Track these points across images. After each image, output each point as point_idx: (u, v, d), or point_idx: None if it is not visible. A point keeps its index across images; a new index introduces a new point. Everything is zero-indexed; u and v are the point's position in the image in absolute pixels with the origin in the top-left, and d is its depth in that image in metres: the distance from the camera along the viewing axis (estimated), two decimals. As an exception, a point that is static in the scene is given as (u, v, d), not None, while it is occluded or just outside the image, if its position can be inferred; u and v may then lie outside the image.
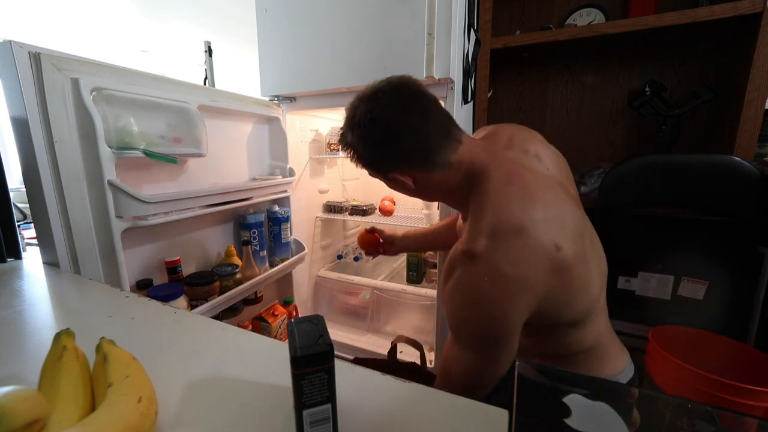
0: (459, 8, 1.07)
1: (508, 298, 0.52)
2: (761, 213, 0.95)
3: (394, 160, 0.62)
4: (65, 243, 0.75)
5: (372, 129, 0.61)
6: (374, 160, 0.65)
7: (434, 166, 0.62)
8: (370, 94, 0.61)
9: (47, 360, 0.33)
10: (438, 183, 0.64)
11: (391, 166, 0.63)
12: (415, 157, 0.61)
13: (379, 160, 0.64)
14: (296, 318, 0.31)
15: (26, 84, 0.67)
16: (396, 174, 0.64)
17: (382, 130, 0.60)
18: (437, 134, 0.61)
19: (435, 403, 0.37)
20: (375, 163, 0.65)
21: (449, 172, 0.62)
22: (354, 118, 0.62)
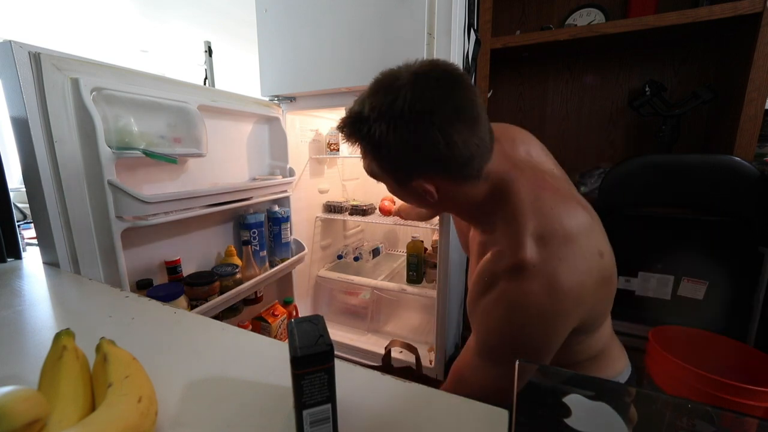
0: (459, 8, 1.07)
1: (562, 314, 0.48)
2: (761, 213, 0.95)
3: (428, 165, 0.50)
4: (65, 243, 0.75)
5: (419, 123, 0.47)
6: (403, 161, 0.51)
7: (469, 177, 0.52)
8: (416, 79, 0.48)
9: (47, 360, 0.33)
10: (465, 195, 0.54)
11: (422, 171, 0.51)
12: (455, 165, 0.50)
13: (408, 162, 0.51)
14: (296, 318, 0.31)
15: (26, 84, 0.67)
16: (421, 182, 0.52)
17: (432, 126, 0.47)
18: (484, 141, 0.50)
19: (435, 403, 0.37)
20: (401, 165, 0.52)
21: (480, 183, 0.54)
22: (394, 104, 0.47)
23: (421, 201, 0.56)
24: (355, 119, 0.52)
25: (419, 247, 1.55)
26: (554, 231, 0.49)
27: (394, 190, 0.58)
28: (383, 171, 0.55)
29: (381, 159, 0.53)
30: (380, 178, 0.57)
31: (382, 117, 0.48)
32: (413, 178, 0.52)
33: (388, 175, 0.55)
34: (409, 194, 0.57)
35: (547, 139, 1.57)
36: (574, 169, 1.42)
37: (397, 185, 0.56)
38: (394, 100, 0.47)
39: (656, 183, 1.05)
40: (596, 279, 0.50)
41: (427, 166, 0.51)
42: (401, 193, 0.58)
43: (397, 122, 0.47)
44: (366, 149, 0.53)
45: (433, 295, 1.34)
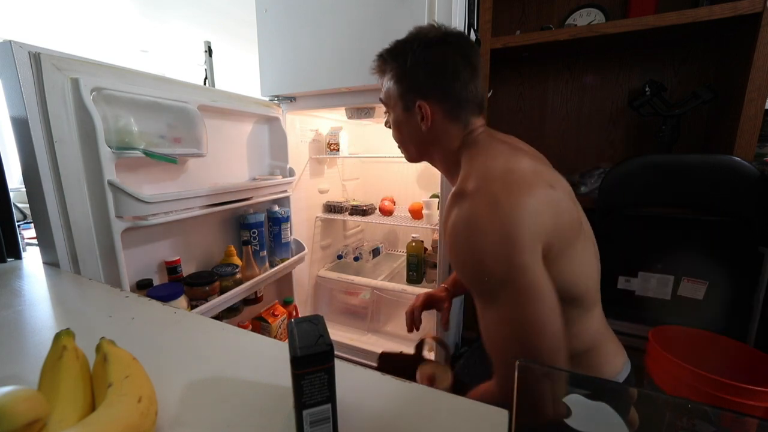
0: (459, 8, 1.07)
1: (512, 222, 0.49)
2: (761, 213, 0.95)
3: (436, 87, 0.62)
4: (65, 243, 0.75)
5: (439, 51, 0.61)
6: (419, 79, 0.62)
7: (457, 118, 0.63)
8: (446, 29, 0.63)
9: (47, 360, 0.33)
10: (448, 134, 0.64)
11: (428, 92, 0.62)
12: (453, 98, 0.62)
13: (422, 81, 0.62)
14: (296, 318, 0.31)
15: (26, 84, 0.67)
16: (425, 103, 0.62)
17: (449, 56, 0.61)
18: (478, 94, 0.64)
19: (435, 403, 0.37)
20: (414, 83, 0.63)
21: (462, 131, 0.64)
22: (421, 34, 0.63)
23: (415, 131, 0.66)
24: (393, 48, 0.66)
25: (419, 247, 1.55)
26: (497, 166, 0.55)
27: (399, 117, 0.68)
28: (398, 92, 0.65)
29: (401, 78, 0.64)
30: (391, 104, 0.68)
31: (417, 41, 0.62)
32: (419, 98, 0.63)
33: (400, 97, 0.66)
34: (409, 121, 0.66)
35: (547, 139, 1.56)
36: (574, 169, 1.42)
37: (404, 110, 0.66)
38: (428, 33, 0.63)
39: (656, 183, 1.05)
40: (543, 201, 0.52)
41: (435, 88, 0.62)
42: (404, 120, 0.67)
43: (427, 45, 0.61)
44: (393, 71, 0.66)
45: (433, 295, 1.34)
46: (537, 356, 0.47)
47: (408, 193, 1.86)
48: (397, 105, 0.67)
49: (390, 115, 0.71)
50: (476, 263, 0.51)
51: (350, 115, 1.41)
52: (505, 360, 0.52)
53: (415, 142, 0.69)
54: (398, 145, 0.74)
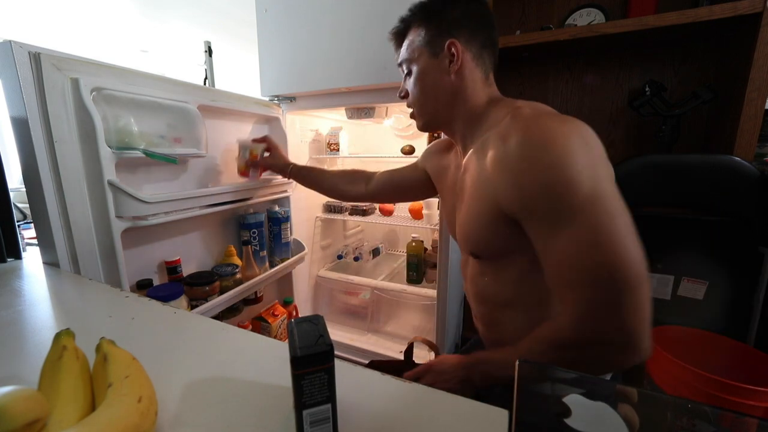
0: (459, 8, 1.07)
1: (591, 136, 0.48)
2: (761, 213, 0.95)
3: (465, 29, 0.61)
4: (65, 243, 0.75)
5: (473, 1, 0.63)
6: (448, 17, 0.62)
7: (482, 63, 0.63)
8: None
9: (47, 360, 0.33)
10: (474, 85, 0.63)
11: (460, 29, 0.61)
12: (483, 37, 0.63)
13: (453, 20, 0.62)
14: (296, 318, 0.31)
15: (26, 84, 0.67)
16: (456, 41, 0.61)
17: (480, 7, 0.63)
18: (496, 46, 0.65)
19: (435, 403, 0.37)
20: (446, 21, 0.62)
21: (484, 86, 0.64)
22: None
23: (441, 80, 0.63)
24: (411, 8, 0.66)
25: (419, 247, 1.55)
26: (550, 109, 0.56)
27: (424, 67, 0.65)
28: (427, 37, 0.63)
29: (433, 16, 0.63)
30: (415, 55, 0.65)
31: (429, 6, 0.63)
32: (450, 35, 0.61)
33: (428, 43, 0.63)
34: (436, 68, 0.63)
35: (547, 139, 1.53)
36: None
37: (430, 57, 0.63)
38: None
39: (656, 183, 1.05)
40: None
41: (467, 22, 0.62)
42: (430, 68, 0.64)
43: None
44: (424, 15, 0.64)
45: (433, 295, 1.34)
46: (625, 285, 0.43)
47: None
48: (423, 54, 0.64)
49: (408, 77, 0.69)
50: (558, 179, 0.46)
51: (350, 115, 1.41)
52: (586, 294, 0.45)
53: (439, 94, 0.65)
54: (415, 107, 0.70)
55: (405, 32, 0.68)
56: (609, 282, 0.44)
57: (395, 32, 0.70)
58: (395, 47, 0.72)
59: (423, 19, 0.65)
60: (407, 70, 0.68)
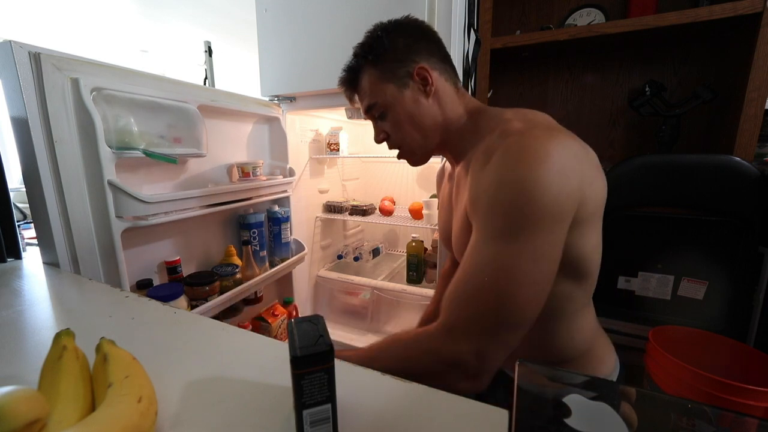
0: (459, 8, 1.07)
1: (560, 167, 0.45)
2: (761, 213, 0.95)
3: (425, 50, 0.60)
4: (65, 243, 0.75)
5: (405, 21, 0.63)
6: (401, 48, 0.60)
7: (451, 78, 0.62)
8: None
9: (47, 360, 0.33)
10: (452, 101, 0.61)
11: (420, 55, 0.60)
12: (441, 52, 0.62)
13: (407, 48, 0.60)
14: (296, 318, 0.31)
15: (26, 84, 0.67)
16: (425, 66, 0.59)
17: (417, 22, 0.63)
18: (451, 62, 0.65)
19: (435, 403, 0.37)
20: (400, 52, 0.60)
21: (458, 96, 0.63)
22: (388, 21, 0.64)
23: (419, 106, 0.60)
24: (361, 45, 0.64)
25: (419, 247, 1.55)
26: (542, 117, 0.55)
27: (397, 100, 0.61)
28: (388, 72, 0.60)
29: (385, 54, 0.60)
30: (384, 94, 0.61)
31: (381, 28, 0.63)
32: (415, 62, 0.59)
33: (391, 77, 0.60)
34: (409, 97, 0.60)
35: (547, 139, 1.53)
36: (574, 169, 1.42)
37: (400, 89, 0.60)
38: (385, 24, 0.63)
39: (656, 183, 1.05)
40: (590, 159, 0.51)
41: (424, 44, 0.61)
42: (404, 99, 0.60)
43: (396, 24, 0.62)
44: (373, 58, 0.62)
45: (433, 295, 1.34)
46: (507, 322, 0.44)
47: (408, 193, 1.86)
48: (391, 90, 0.60)
49: (381, 120, 0.65)
50: (510, 198, 0.45)
51: (350, 115, 1.41)
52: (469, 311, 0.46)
53: (424, 122, 0.61)
54: (403, 145, 0.66)
55: (356, 79, 0.65)
56: (495, 312, 0.45)
57: (345, 81, 0.67)
58: (349, 98, 0.69)
59: (374, 59, 0.62)
60: (379, 114, 0.64)
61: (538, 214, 0.44)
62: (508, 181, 0.46)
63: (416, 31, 0.62)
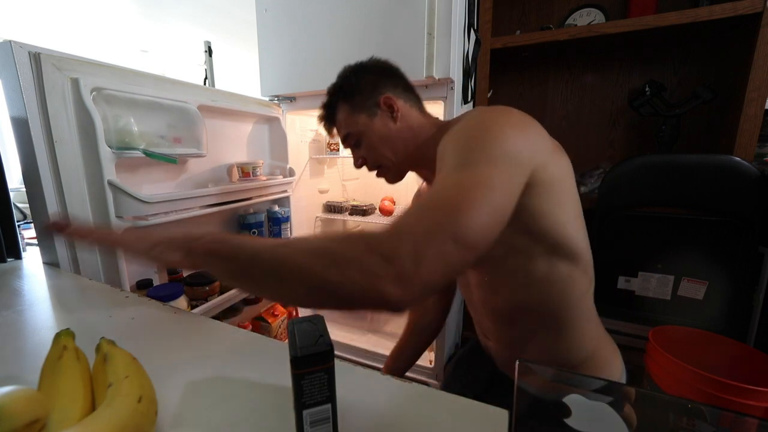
0: (459, 8, 1.07)
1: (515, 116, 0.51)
2: (761, 213, 0.95)
3: (389, 83, 0.69)
4: (65, 243, 0.75)
5: (370, 62, 0.72)
6: (367, 84, 0.69)
7: (416, 102, 0.71)
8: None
9: (47, 360, 0.33)
10: (419, 123, 0.69)
11: (384, 84, 0.68)
12: (405, 82, 0.71)
13: (372, 83, 0.69)
14: (296, 318, 0.31)
15: (26, 84, 0.67)
16: (390, 96, 0.67)
17: (380, 62, 0.73)
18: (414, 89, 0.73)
19: (435, 403, 0.37)
20: (367, 87, 0.69)
21: (424, 117, 0.70)
22: (353, 64, 0.73)
23: (388, 130, 0.68)
24: (332, 87, 0.73)
25: (419, 247, 1.54)
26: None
27: (368, 128, 0.68)
28: (358, 104, 0.69)
29: (354, 89, 0.69)
30: (356, 123, 0.69)
31: (344, 71, 0.72)
32: (381, 93, 0.67)
33: (361, 108, 0.68)
34: (379, 124, 0.68)
35: (547, 139, 1.53)
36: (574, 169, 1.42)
37: (369, 117, 0.68)
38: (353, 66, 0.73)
39: (656, 183, 1.04)
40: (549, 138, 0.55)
41: (388, 78, 0.69)
42: (374, 126, 0.68)
43: (361, 66, 0.72)
44: (344, 93, 0.70)
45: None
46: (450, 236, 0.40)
47: (408, 193, 1.86)
48: (362, 119, 0.69)
49: (357, 147, 0.73)
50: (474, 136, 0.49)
51: (350, 115, 1.41)
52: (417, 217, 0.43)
53: (393, 143, 0.69)
54: (379, 164, 0.73)
55: (333, 116, 0.74)
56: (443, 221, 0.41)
57: (323, 118, 0.76)
58: (328, 131, 0.78)
59: (345, 95, 0.71)
60: (354, 141, 0.72)
61: (497, 150, 0.47)
62: (470, 126, 0.52)
63: (379, 69, 0.72)
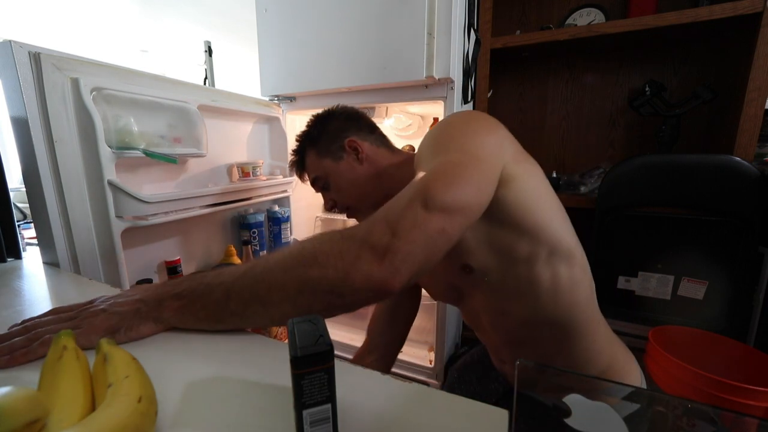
0: (459, 8, 1.07)
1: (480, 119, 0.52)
2: (761, 213, 0.95)
3: (353, 127, 0.73)
4: (65, 243, 0.75)
5: (337, 109, 0.77)
6: (334, 129, 0.73)
7: (383, 143, 0.74)
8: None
9: (47, 360, 0.33)
10: (387, 159, 0.71)
11: (348, 128, 0.72)
12: (370, 125, 0.75)
13: (337, 128, 0.73)
14: (296, 318, 0.31)
15: (26, 84, 0.67)
16: (354, 138, 0.71)
17: (346, 108, 0.77)
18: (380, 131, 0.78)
19: (435, 403, 0.37)
20: (333, 132, 0.73)
21: (394, 154, 0.73)
22: (321, 114, 0.77)
23: (358, 172, 0.70)
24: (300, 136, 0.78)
25: (419, 247, 1.54)
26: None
27: (337, 172, 0.72)
28: (324, 150, 0.72)
29: (320, 135, 0.73)
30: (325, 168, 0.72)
31: (317, 119, 0.77)
32: (346, 137, 0.71)
33: (327, 153, 0.72)
34: (346, 168, 0.71)
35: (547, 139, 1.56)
36: (574, 169, 1.42)
37: (336, 161, 0.71)
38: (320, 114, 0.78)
39: (656, 183, 1.05)
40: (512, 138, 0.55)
41: (352, 123, 0.73)
42: (342, 170, 0.71)
43: (328, 112, 0.77)
44: (311, 140, 0.75)
45: (433, 295, 1.34)
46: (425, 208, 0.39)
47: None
48: (329, 164, 0.72)
49: (327, 190, 0.75)
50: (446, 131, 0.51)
51: (350, 115, 1.41)
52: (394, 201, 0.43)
53: (362, 184, 0.70)
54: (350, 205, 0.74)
55: (303, 161, 0.77)
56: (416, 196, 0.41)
57: (294, 164, 0.80)
58: (299, 176, 0.81)
59: (311, 142, 0.74)
60: (322, 184, 0.75)
61: (467, 140, 0.48)
62: (438, 128, 0.53)
63: (344, 115, 0.75)
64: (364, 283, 0.38)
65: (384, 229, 0.39)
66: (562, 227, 0.56)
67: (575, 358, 0.60)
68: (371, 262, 0.38)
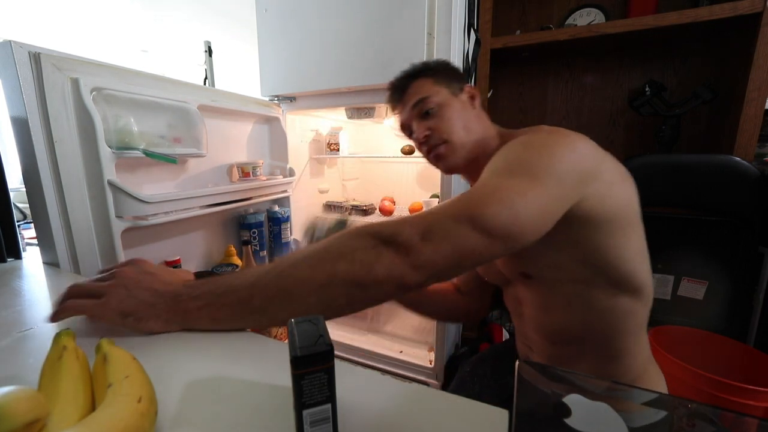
0: (459, 8, 1.07)
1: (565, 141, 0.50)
2: (761, 213, 0.95)
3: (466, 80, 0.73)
4: (65, 243, 0.75)
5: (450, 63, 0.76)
6: (455, 72, 0.72)
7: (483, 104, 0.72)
8: None
9: (47, 360, 0.33)
10: (486, 124, 0.69)
11: (465, 80, 0.72)
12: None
13: (460, 74, 0.72)
14: (296, 318, 0.31)
15: (26, 84, 0.67)
16: (467, 87, 0.69)
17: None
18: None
19: (435, 403, 0.37)
20: (455, 73, 0.71)
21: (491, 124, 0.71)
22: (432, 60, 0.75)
23: (466, 111, 0.68)
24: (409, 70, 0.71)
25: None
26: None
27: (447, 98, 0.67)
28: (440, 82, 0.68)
29: (439, 71, 0.69)
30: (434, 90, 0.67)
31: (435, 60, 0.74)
32: (466, 83, 0.70)
33: (444, 83, 0.68)
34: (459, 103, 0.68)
35: (547, 139, 1.54)
36: (574, 169, 1.41)
37: (451, 92, 0.68)
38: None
39: (656, 183, 1.04)
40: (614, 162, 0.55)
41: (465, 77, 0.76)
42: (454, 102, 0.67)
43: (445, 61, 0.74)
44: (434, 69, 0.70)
45: (433, 295, 1.34)
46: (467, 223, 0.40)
47: (408, 193, 1.86)
48: (444, 92, 0.67)
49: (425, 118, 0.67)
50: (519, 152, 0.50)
51: (350, 115, 1.41)
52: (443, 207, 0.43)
53: (469, 124, 0.66)
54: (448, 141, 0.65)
55: (406, 86, 0.69)
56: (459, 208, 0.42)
57: (393, 87, 0.72)
58: (394, 99, 0.73)
59: (428, 70, 0.69)
60: (427, 109, 0.66)
61: (543, 167, 0.46)
62: (526, 141, 0.52)
63: (460, 70, 0.76)
64: (386, 275, 0.39)
65: (414, 231, 0.40)
66: (642, 266, 0.56)
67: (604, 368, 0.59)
68: (394, 255, 0.39)
